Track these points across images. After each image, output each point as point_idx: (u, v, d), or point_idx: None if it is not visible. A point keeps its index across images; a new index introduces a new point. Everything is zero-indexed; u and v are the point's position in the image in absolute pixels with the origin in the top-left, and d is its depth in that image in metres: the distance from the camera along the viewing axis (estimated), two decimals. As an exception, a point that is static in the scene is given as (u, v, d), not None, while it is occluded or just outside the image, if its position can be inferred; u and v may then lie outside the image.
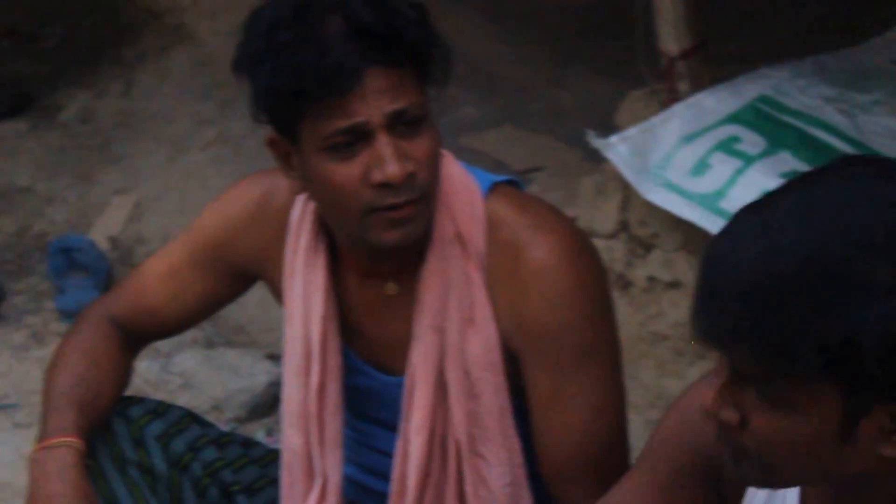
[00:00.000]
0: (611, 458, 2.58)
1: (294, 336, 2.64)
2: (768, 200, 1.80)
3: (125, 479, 2.82)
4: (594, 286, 2.54)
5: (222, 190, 4.40)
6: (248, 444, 2.97)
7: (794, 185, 1.83)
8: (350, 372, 2.66)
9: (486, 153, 3.22)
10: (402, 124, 2.38)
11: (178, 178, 4.82)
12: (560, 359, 2.52)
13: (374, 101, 2.35)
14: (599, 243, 3.74)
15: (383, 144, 2.38)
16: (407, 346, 2.60)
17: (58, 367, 2.76)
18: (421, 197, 2.41)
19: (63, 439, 2.69)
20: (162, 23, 5.46)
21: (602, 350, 2.56)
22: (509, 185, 2.60)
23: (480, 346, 2.55)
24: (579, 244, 2.52)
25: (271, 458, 2.96)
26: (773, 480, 1.94)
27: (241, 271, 2.72)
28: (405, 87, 2.36)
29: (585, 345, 2.53)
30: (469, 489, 2.61)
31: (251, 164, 4.52)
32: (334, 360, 2.64)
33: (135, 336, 2.84)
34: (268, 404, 3.93)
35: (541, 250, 2.51)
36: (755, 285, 1.75)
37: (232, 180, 4.45)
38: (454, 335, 2.55)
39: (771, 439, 1.85)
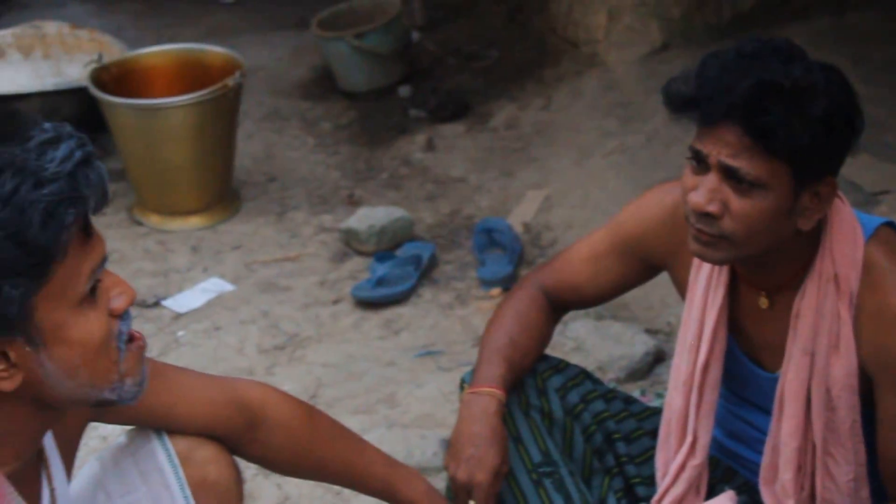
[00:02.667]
0: None
1: (691, 319, 2.65)
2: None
3: (528, 420, 2.87)
4: None
5: (619, 192, 4.48)
6: (629, 400, 2.99)
7: None
8: (730, 358, 2.66)
9: (843, 175, 3.15)
10: (734, 179, 2.36)
11: (582, 179, 4.83)
12: None
13: (719, 147, 2.35)
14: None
15: (709, 180, 2.38)
16: (774, 349, 2.60)
17: (495, 326, 2.82)
18: (720, 236, 2.41)
19: (490, 389, 2.74)
20: (579, 52, 5.46)
21: None
22: (889, 227, 2.54)
23: (842, 370, 2.52)
24: None
25: (647, 414, 2.97)
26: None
27: (651, 263, 2.74)
28: (749, 153, 2.33)
29: None
30: (818, 482, 2.61)
31: (645, 172, 4.54)
32: (720, 346, 2.64)
33: (558, 305, 2.88)
34: (643, 370, 3.94)
35: None
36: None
37: (627, 184, 4.53)
38: (822, 359, 2.53)
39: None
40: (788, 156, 2.35)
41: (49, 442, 2.08)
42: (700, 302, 2.64)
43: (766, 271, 2.56)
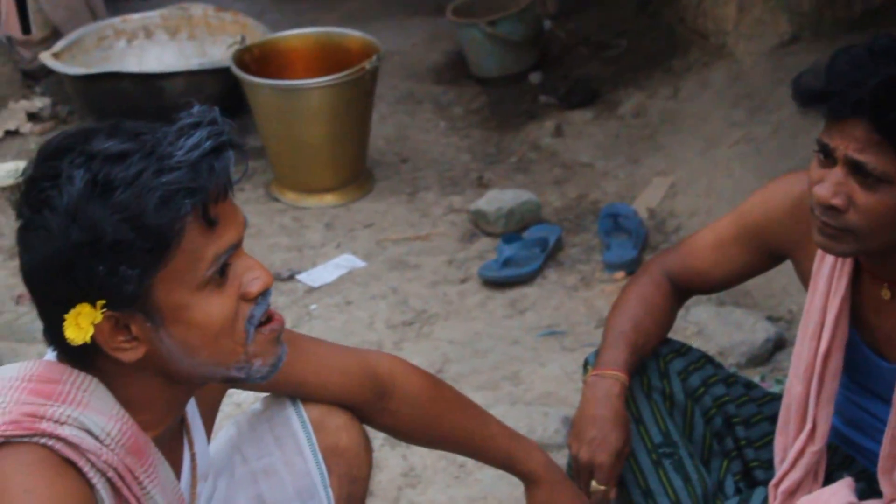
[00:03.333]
0: None
1: (813, 308, 2.62)
2: None
3: (650, 402, 2.87)
4: None
5: (744, 181, 4.44)
6: (750, 385, 2.97)
7: None
8: (851, 347, 2.63)
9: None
10: (860, 174, 2.34)
11: (708, 167, 4.80)
12: None
13: (846, 142, 2.33)
14: None
15: (835, 173, 2.36)
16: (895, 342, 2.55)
17: (620, 309, 2.81)
18: (844, 230, 2.38)
19: (613, 372, 2.73)
20: (707, 42, 5.43)
21: None
22: None
23: None
24: None
25: (767, 399, 2.95)
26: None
27: (775, 252, 2.71)
28: (876, 148, 2.31)
29: None
30: None
31: (770, 163, 4.50)
32: (842, 335, 2.61)
33: (682, 290, 2.86)
34: (763, 356, 3.90)
35: None
36: None
37: (752, 174, 4.49)
38: None
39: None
40: None
41: (192, 408, 2.12)
42: (823, 292, 2.62)
43: (890, 263, 2.53)
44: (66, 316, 1.84)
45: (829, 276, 2.60)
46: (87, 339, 1.84)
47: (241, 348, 1.93)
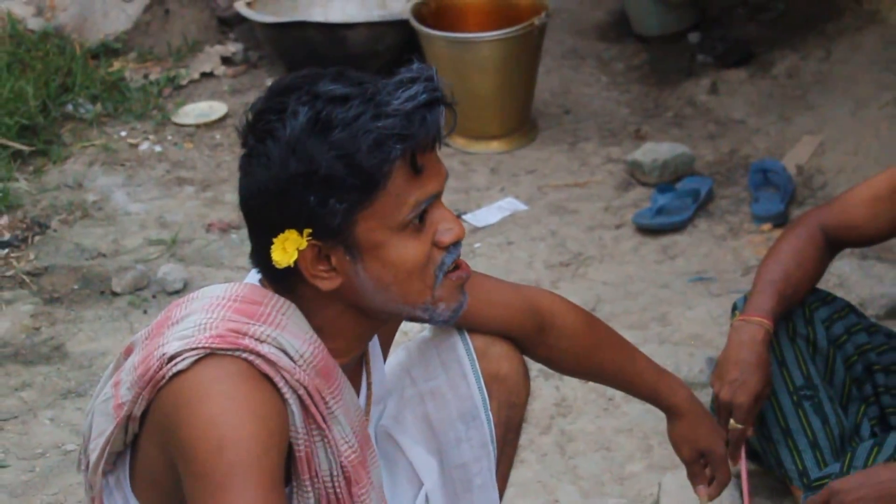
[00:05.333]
0: None
1: None
2: None
3: (794, 346, 2.85)
4: None
5: (892, 142, 4.37)
6: (891, 335, 2.94)
7: None
8: None
9: None
10: None
11: (857, 127, 4.72)
12: None
13: None
14: None
15: None
16: None
17: (773, 258, 2.79)
18: None
19: (760, 319, 2.72)
20: (861, 8, 5.31)
21: None
22: None
23: None
24: None
25: (910, 347, 2.91)
26: None
27: None
28: None
29: None
30: None
31: (917, 126, 4.40)
32: None
33: (834, 243, 2.83)
34: (903, 309, 3.84)
35: None
36: None
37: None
38: None
39: None
40: None
41: (373, 339, 2.15)
42: None
43: None
44: (273, 240, 1.88)
45: None
46: (291, 263, 1.88)
47: (430, 291, 1.97)
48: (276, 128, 1.86)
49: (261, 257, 1.94)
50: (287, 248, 1.88)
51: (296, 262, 1.89)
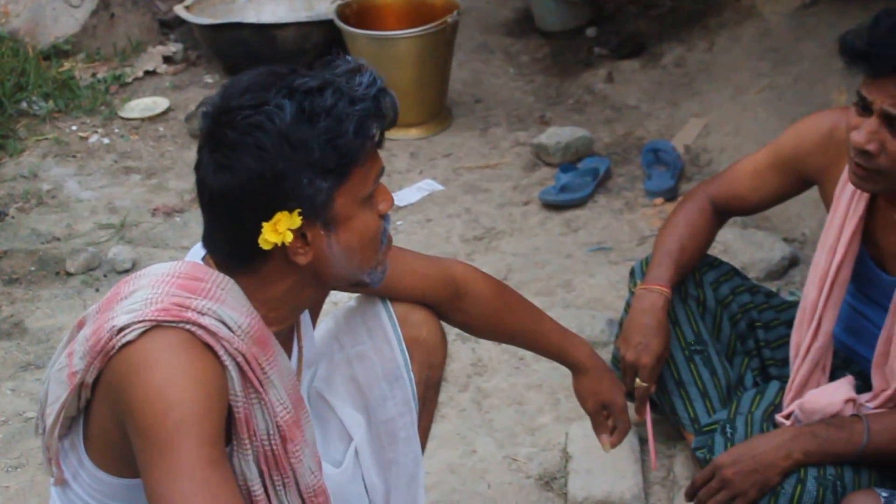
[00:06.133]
0: None
1: (832, 226, 2.60)
2: None
3: (685, 306, 2.87)
4: None
5: (767, 123, 4.41)
6: (770, 294, 2.97)
7: None
8: (859, 261, 2.61)
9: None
10: (893, 125, 2.30)
11: (737, 111, 4.74)
12: None
13: (882, 97, 2.29)
14: None
15: (871, 122, 2.33)
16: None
17: (668, 231, 2.81)
18: (876, 171, 2.35)
19: (659, 287, 2.74)
20: (739, 3, 5.34)
21: None
22: None
23: None
24: None
25: (785, 306, 2.94)
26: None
27: (805, 177, 2.69)
28: None
29: None
30: None
31: (791, 108, 4.44)
32: (854, 250, 2.59)
33: (723, 212, 2.85)
34: (779, 272, 3.86)
35: None
36: None
37: (775, 117, 4.44)
38: None
39: None
40: None
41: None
42: (842, 212, 2.59)
43: None
44: (264, 224, 1.86)
45: (850, 199, 2.57)
46: (287, 242, 1.87)
47: (377, 256, 1.99)
48: (262, 121, 1.84)
49: (232, 241, 1.92)
50: (279, 229, 1.86)
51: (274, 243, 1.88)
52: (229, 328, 1.90)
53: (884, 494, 2.36)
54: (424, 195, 4.54)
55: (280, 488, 2.02)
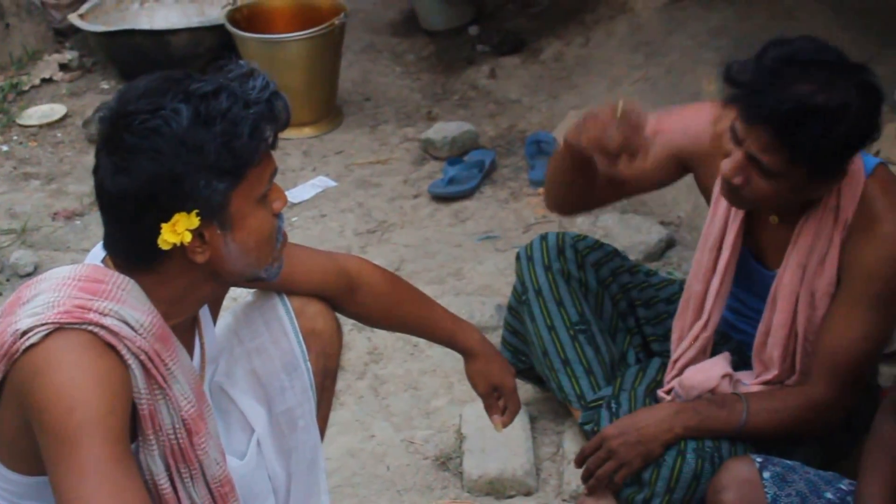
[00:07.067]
0: (853, 369, 2.49)
1: (714, 226, 2.64)
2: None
3: (569, 288, 2.89)
4: None
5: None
6: (649, 273, 3.00)
7: None
8: (742, 257, 2.64)
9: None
10: (759, 166, 2.32)
11: (613, 101, 4.77)
12: (864, 292, 2.43)
13: (752, 140, 2.31)
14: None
15: (740, 155, 2.35)
16: (776, 254, 2.57)
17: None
18: (740, 196, 2.41)
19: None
20: (613, 0, 5.41)
21: (891, 302, 2.44)
22: (883, 166, 2.47)
23: (825, 280, 2.50)
24: None
25: (663, 285, 2.98)
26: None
27: (684, 164, 2.68)
28: (776, 152, 2.29)
29: (885, 291, 2.42)
30: (798, 359, 2.60)
31: (663, 97, 4.48)
32: (737, 249, 2.61)
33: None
34: (657, 253, 3.91)
35: (891, 223, 2.40)
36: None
37: (649, 106, 4.42)
38: (811, 271, 2.51)
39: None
40: (806, 163, 2.31)
41: (203, 307, 2.12)
42: (723, 214, 2.62)
43: (780, 210, 2.54)
44: (163, 225, 1.84)
45: None
46: (185, 242, 1.85)
47: (273, 252, 1.98)
48: (159, 125, 1.81)
49: (131, 242, 1.90)
50: (178, 230, 1.84)
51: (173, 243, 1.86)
52: (132, 327, 1.88)
53: (758, 459, 2.41)
54: (318, 192, 4.52)
55: (188, 480, 2.00)
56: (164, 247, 1.86)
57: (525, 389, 3.09)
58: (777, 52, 2.30)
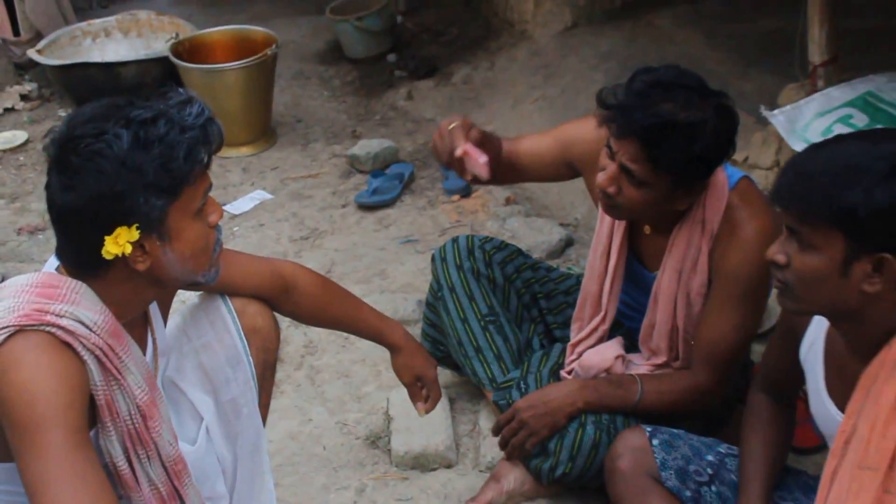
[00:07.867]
0: (728, 357, 2.52)
1: (602, 234, 2.66)
2: (825, 143, 1.87)
3: (479, 284, 2.89)
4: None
5: (542, 127, 4.45)
6: (549, 269, 3.01)
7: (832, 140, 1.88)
8: (627, 260, 2.67)
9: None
10: (629, 176, 2.33)
11: (516, 118, 4.82)
12: (732, 292, 2.46)
13: (622, 151, 2.34)
14: (761, 173, 3.65)
15: (611, 167, 2.38)
16: (655, 259, 2.60)
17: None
18: (617, 206, 2.41)
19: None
20: (514, 29, 5.44)
21: (758, 295, 2.48)
22: (747, 179, 2.50)
23: (698, 282, 2.54)
24: (773, 230, 2.36)
25: (562, 279, 3.00)
26: (800, 307, 1.88)
27: (573, 166, 2.69)
28: (643, 163, 2.31)
29: (749, 289, 2.45)
30: (681, 348, 2.64)
31: (560, 114, 4.54)
32: (623, 254, 2.64)
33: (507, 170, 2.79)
34: (558, 251, 3.93)
35: (750, 230, 2.42)
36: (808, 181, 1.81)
37: (547, 122, 4.52)
38: (686, 275, 2.54)
39: (801, 273, 1.83)
40: (670, 173, 2.34)
41: (153, 307, 2.10)
42: (609, 225, 2.66)
43: (647, 218, 2.56)
44: (106, 237, 1.83)
45: None
46: (126, 252, 1.84)
47: (210, 260, 1.97)
48: (102, 148, 1.80)
49: (78, 252, 1.88)
50: (119, 242, 1.83)
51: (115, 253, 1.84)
52: (87, 326, 1.87)
53: (648, 429, 2.44)
54: (256, 204, 4.49)
55: (145, 461, 2.00)
56: (108, 257, 1.84)
57: (444, 375, 3.10)
58: (645, 77, 2.34)
